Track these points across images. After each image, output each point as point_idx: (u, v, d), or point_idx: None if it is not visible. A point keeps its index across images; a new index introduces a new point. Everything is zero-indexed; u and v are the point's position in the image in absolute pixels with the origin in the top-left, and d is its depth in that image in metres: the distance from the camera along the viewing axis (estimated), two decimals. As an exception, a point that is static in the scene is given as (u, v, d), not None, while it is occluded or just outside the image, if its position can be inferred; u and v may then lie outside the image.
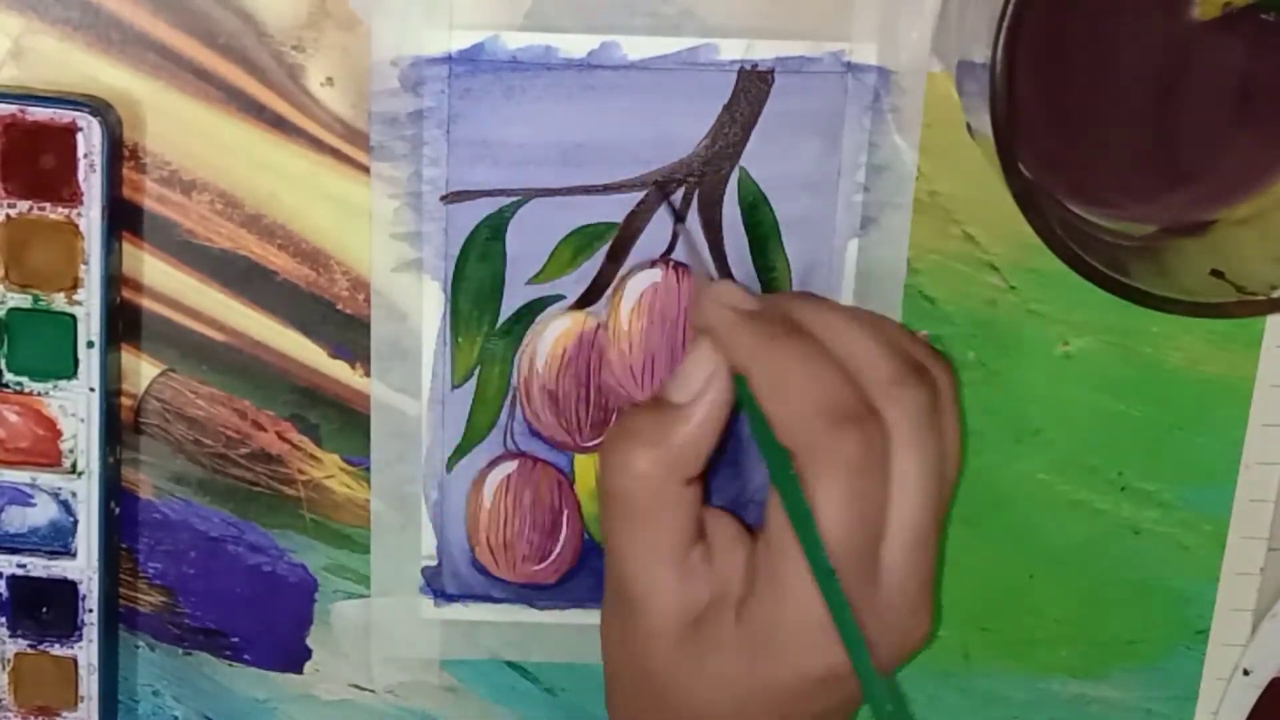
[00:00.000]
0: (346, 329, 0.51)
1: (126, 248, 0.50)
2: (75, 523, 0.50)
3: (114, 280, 0.49)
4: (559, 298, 0.51)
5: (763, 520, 0.45)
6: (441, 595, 0.53)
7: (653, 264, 0.50)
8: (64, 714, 0.52)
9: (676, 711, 0.46)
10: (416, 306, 0.50)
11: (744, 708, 0.45)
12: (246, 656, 0.54)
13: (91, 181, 0.47)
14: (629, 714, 0.48)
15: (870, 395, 0.44)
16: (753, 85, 0.49)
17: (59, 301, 0.48)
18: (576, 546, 0.53)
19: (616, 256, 0.50)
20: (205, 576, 0.53)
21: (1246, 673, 0.54)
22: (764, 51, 0.48)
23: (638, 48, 0.48)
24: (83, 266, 0.48)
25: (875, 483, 0.44)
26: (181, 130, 0.49)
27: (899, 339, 0.46)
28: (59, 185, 0.47)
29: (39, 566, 0.51)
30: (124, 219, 0.49)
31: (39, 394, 0.49)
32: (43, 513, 0.50)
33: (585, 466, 0.52)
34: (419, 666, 0.54)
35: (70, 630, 0.51)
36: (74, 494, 0.50)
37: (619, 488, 0.46)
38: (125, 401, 0.51)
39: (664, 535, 0.46)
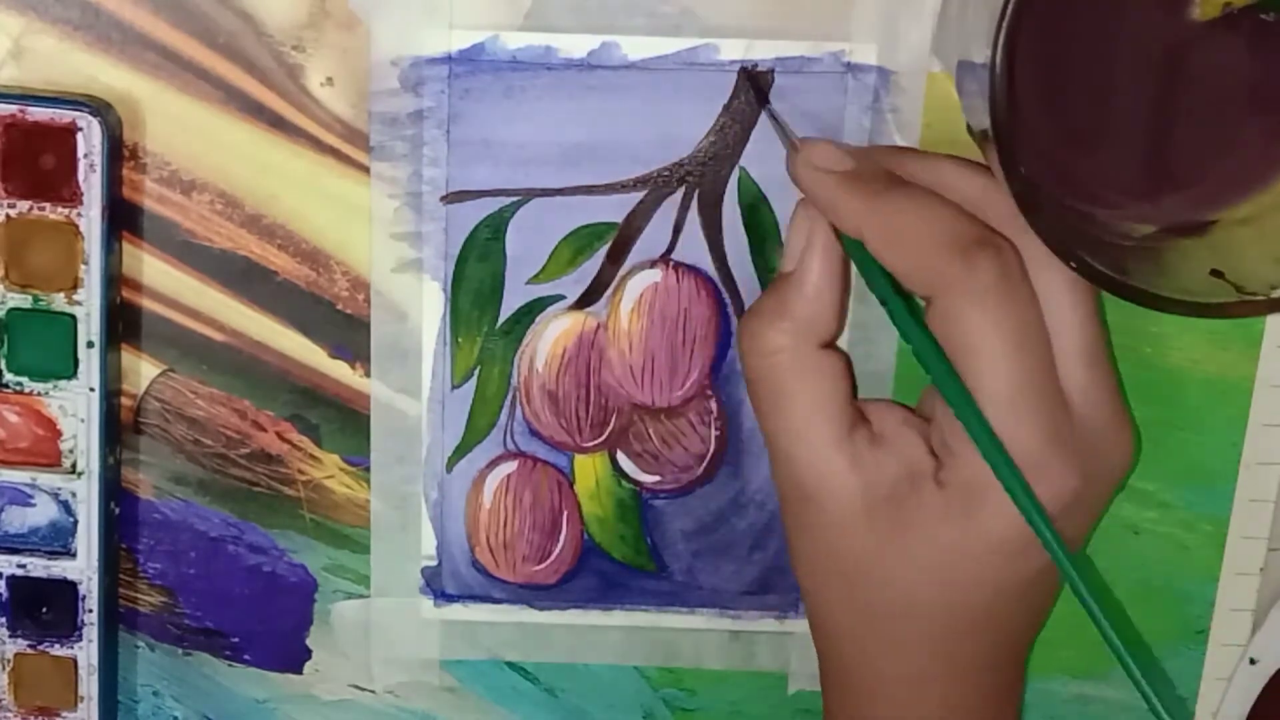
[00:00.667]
0: (346, 329, 0.51)
1: (126, 248, 0.50)
2: (75, 523, 0.50)
3: (114, 280, 0.49)
4: (559, 298, 0.51)
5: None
6: (441, 595, 0.53)
7: (653, 264, 0.50)
8: (64, 714, 0.52)
9: (880, 591, 0.46)
10: (416, 306, 0.50)
11: (954, 575, 0.45)
12: (246, 657, 0.54)
13: (91, 181, 0.47)
14: (830, 609, 0.47)
15: (1001, 222, 0.44)
16: (753, 85, 0.49)
17: (59, 301, 0.48)
18: (576, 547, 0.53)
19: (616, 256, 0.50)
20: (205, 577, 0.53)
21: (1253, 661, 0.54)
22: (764, 51, 0.48)
23: (638, 48, 0.48)
24: (83, 266, 0.48)
25: (1023, 302, 0.43)
26: (181, 130, 0.49)
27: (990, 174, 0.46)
28: (59, 185, 0.47)
29: (39, 567, 0.51)
30: (124, 219, 0.49)
31: (39, 394, 0.49)
32: (43, 513, 0.50)
33: (585, 466, 0.52)
34: (419, 666, 0.54)
35: (70, 630, 0.51)
36: (74, 494, 0.50)
37: (760, 370, 0.46)
38: (125, 401, 0.51)
39: (818, 408, 0.45)
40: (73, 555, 0.51)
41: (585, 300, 0.51)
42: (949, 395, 0.44)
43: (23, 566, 0.51)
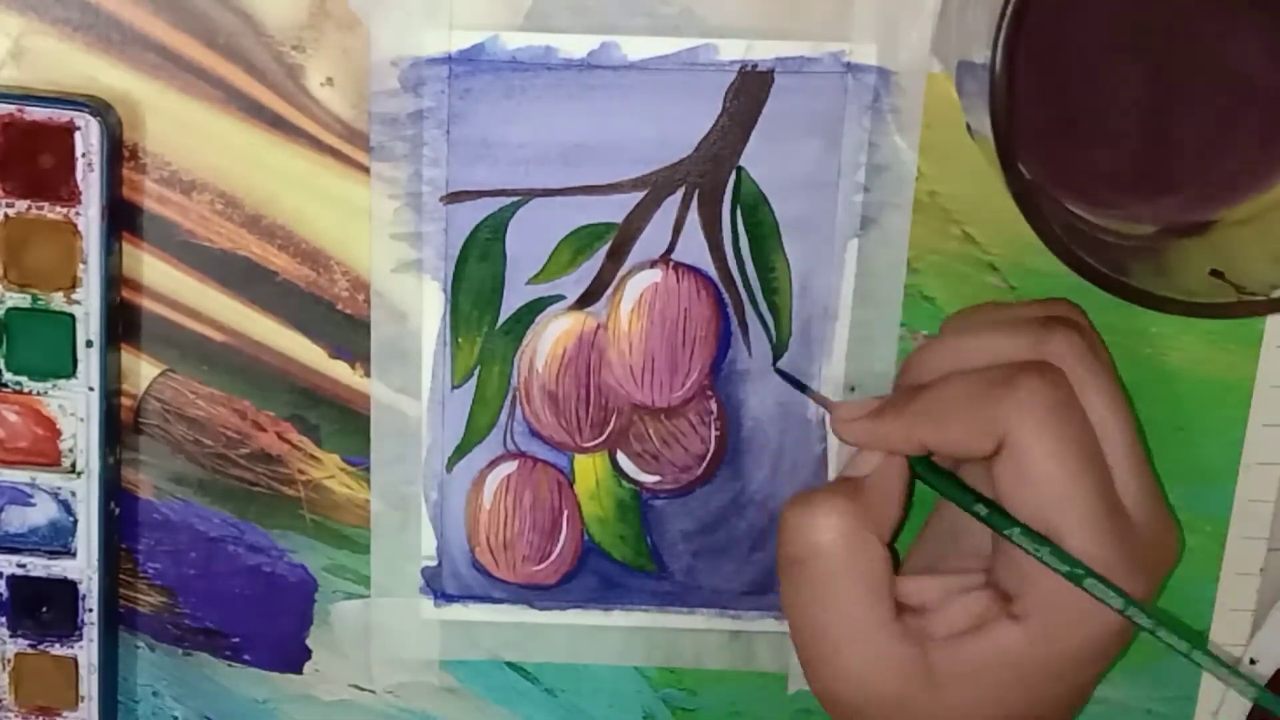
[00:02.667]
0: (346, 329, 0.51)
1: (126, 248, 0.50)
2: (75, 522, 0.50)
3: (113, 280, 0.49)
4: (559, 298, 0.51)
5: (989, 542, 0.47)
6: (441, 595, 0.53)
7: (653, 264, 0.50)
8: (64, 714, 0.52)
9: None
10: (416, 307, 0.50)
11: (1035, 694, 0.46)
12: (246, 657, 0.54)
13: (90, 181, 0.47)
14: None
15: (1022, 359, 0.45)
16: (753, 85, 0.49)
17: (58, 301, 0.48)
18: (576, 547, 0.53)
19: (616, 256, 0.50)
20: (205, 577, 0.53)
21: (1253, 662, 0.54)
22: (764, 51, 0.48)
23: (638, 48, 0.48)
24: (81, 266, 0.48)
25: (1079, 418, 0.44)
26: (181, 130, 0.49)
27: (1017, 311, 0.47)
28: (57, 184, 0.47)
29: (39, 566, 0.51)
30: (124, 219, 0.49)
31: (38, 394, 0.49)
32: (42, 512, 0.50)
33: (585, 467, 0.52)
34: (419, 667, 0.54)
35: (70, 630, 0.51)
36: (74, 494, 0.50)
37: (815, 547, 0.46)
38: (125, 401, 0.51)
39: (868, 584, 0.46)
40: (73, 555, 0.51)
41: (585, 300, 0.51)
42: (1030, 546, 0.44)
43: (23, 566, 0.51)
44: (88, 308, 0.48)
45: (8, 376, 0.49)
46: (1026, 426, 0.44)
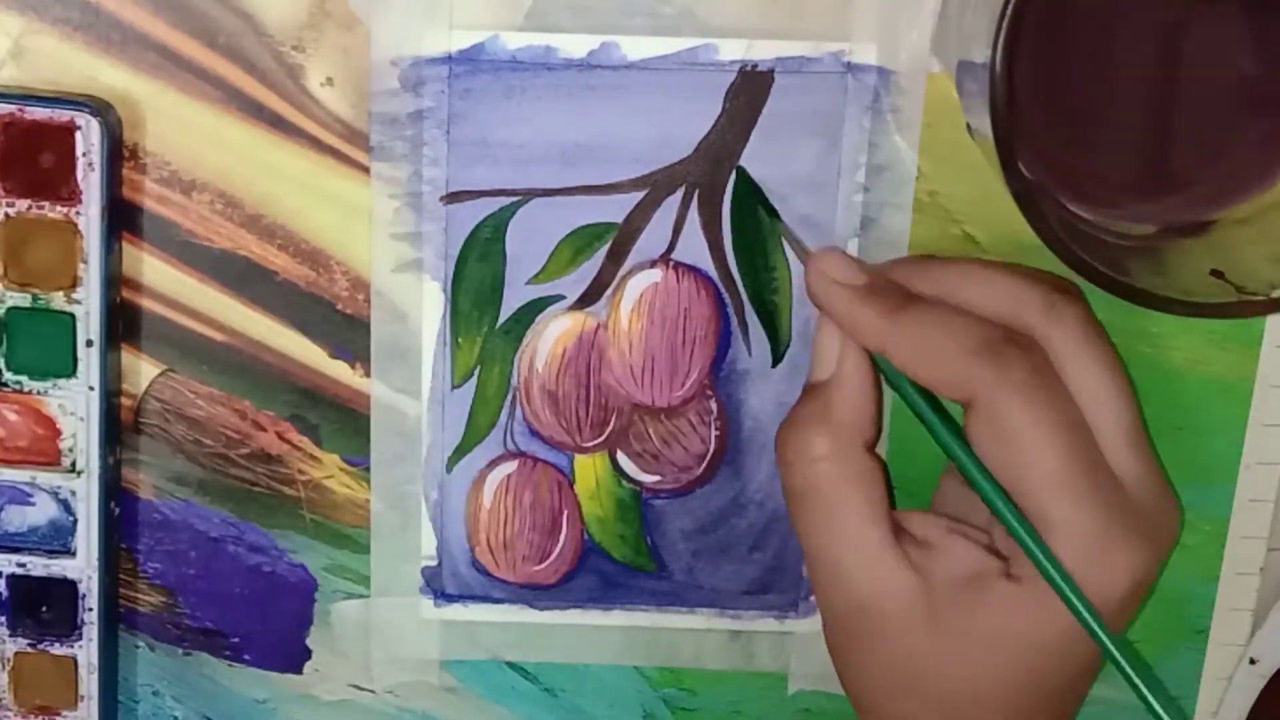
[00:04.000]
0: (346, 329, 0.51)
1: (126, 247, 0.50)
2: (75, 522, 0.50)
3: (113, 279, 0.49)
4: (559, 298, 0.51)
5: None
6: (441, 595, 0.53)
7: (653, 264, 0.50)
8: (64, 713, 0.52)
9: (944, 684, 0.46)
10: (416, 306, 0.50)
11: (1024, 663, 0.45)
12: (246, 657, 0.54)
13: (90, 180, 0.47)
14: (889, 711, 0.47)
15: (1028, 323, 0.45)
16: (753, 85, 0.49)
17: (58, 300, 0.48)
18: (576, 547, 0.53)
19: (616, 256, 0.50)
20: (205, 576, 0.53)
21: (1253, 661, 0.54)
22: (764, 51, 0.48)
23: (638, 48, 0.48)
24: (81, 265, 0.48)
25: (1059, 395, 0.44)
26: (181, 130, 0.49)
27: (1032, 270, 0.46)
28: (58, 184, 0.47)
29: (39, 566, 0.51)
30: (124, 219, 0.49)
31: (38, 393, 0.49)
32: (42, 512, 0.50)
33: (585, 467, 0.52)
34: (419, 666, 0.54)
35: (70, 630, 0.51)
36: (73, 493, 0.50)
37: (805, 478, 0.46)
38: (125, 401, 0.51)
39: (868, 512, 0.46)
40: (72, 554, 0.51)
41: (585, 300, 0.51)
42: (986, 495, 0.44)
43: (22, 565, 0.51)
44: (88, 307, 0.48)
45: (8, 376, 0.49)
46: (1000, 395, 0.43)
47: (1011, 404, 0.43)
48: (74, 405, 0.49)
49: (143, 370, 0.51)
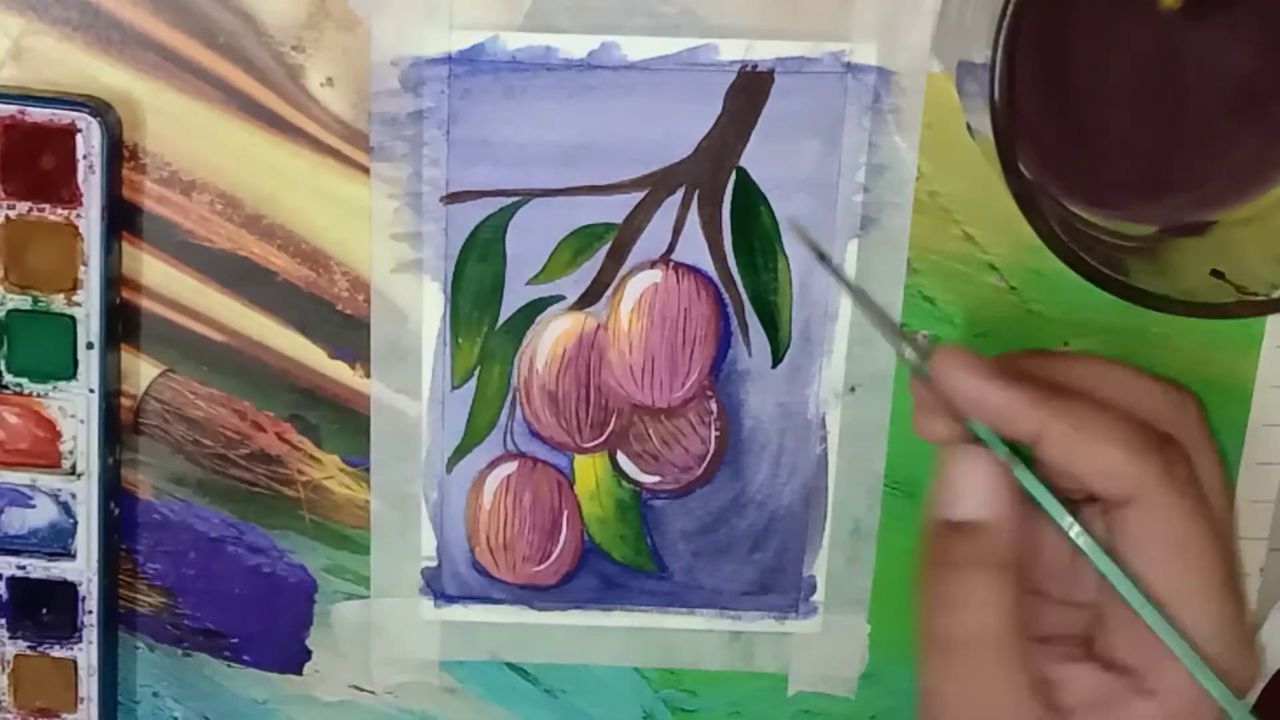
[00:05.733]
0: (346, 329, 0.51)
1: (126, 248, 0.50)
2: (75, 524, 0.50)
3: (114, 281, 0.49)
4: (559, 298, 0.51)
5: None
6: (441, 596, 0.53)
7: (653, 264, 0.50)
8: (64, 716, 0.52)
9: None
10: (416, 306, 0.50)
11: None
12: (246, 657, 0.54)
13: (91, 182, 0.47)
14: None
15: (1155, 422, 0.42)
16: (753, 85, 0.49)
17: (58, 303, 0.48)
18: (576, 547, 0.53)
19: (616, 256, 0.50)
20: (205, 577, 0.53)
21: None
22: (764, 51, 0.48)
23: (638, 48, 0.48)
24: (82, 268, 0.48)
25: (1210, 495, 0.42)
26: (181, 130, 0.49)
27: (1139, 371, 0.45)
28: (59, 186, 0.47)
29: (39, 568, 0.51)
30: (124, 219, 0.49)
31: (38, 395, 0.49)
32: (42, 514, 0.50)
33: (585, 467, 0.52)
34: (419, 667, 0.54)
35: (70, 632, 0.51)
36: (74, 495, 0.50)
37: (968, 628, 0.42)
38: (125, 402, 0.51)
39: (1022, 664, 0.42)
40: (72, 556, 0.51)
41: (585, 300, 0.51)
42: (1133, 598, 0.42)
43: (22, 568, 0.51)
44: (88, 309, 0.48)
45: (8, 378, 0.49)
46: (1166, 494, 0.41)
47: (1178, 508, 0.41)
48: (74, 408, 0.49)
49: (143, 371, 0.51)
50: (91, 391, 0.49)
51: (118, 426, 0.51)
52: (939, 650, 0.42)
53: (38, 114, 0.47)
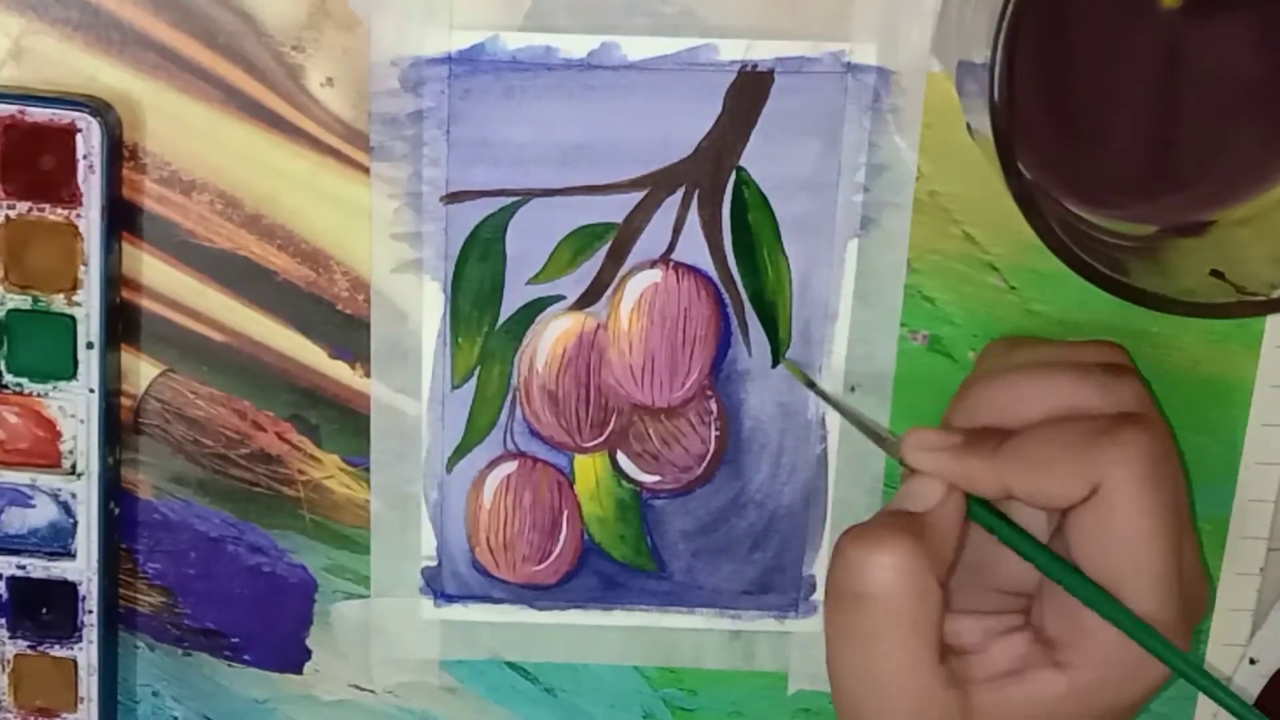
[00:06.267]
0: (346, 329, 0.51)
1: (126, 248, 0.50)
2: (75, 524, 0.50)
3: (114, 281, 0.49)
4: (559, 298, 0.51)
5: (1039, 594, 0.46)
6: (441, 595, 0.53)
7: (653, 264, 0.50)
8: (64, 715, 0.52)
9: None
10: (416, 306, 0.50)
11: None
12: (246, 657, 0.54)
13: (91, 182, 0.47)
14: None
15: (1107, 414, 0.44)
16: (753, 85, 0.49)
17: (58, 303, 0.48)
18: (576, 547, 0.53)
19: (616, 256, 0.50)
20: (205, 577, 0.53)
21: (1253, 661, 0.54)
22: (764, 51, 0.48)
23: (638, 48, 0.48)
24: (82, 268, 0.48)
25: (1176, 472, 0.44)
26: (181, 130, 0.49)
27: (1075, 352, 0.47)
28: (58, 186, 0.47)
29: (39, 568, 0.51)
30: (124, 219, 0.49)
31: (38, 395, 0.49)
32: (42, 514, 0.50)
33: (585, 467, 0.52)
34: (419, 667, 0.54)
35: (70, 631, 0.51)
36: (74, 495, 0.50)
37: (870, 583, 0.44)
38: (125, 402, 0.51)
39: (921, 633, 0.44)
40: (72, 556, 0.51)
41: (585, 300, 0.51)
42: (1092, 599, 0.44)
43: (23, 567, 0.51)
44: (88, 309, 0.48)
45: (8, 378, 0.49)
46: (1122, 478, 0.43)
47: (1131, 496, 0.43)
48: (74, 407, 0.49)
49: (143, 370, 0.51)
50: (91, 391, 0.49)
51: (118, 426, 0.51)
52: (838, 609, 0.45)
53: (38, 114, 0.47)
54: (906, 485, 0.46)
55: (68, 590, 0.51)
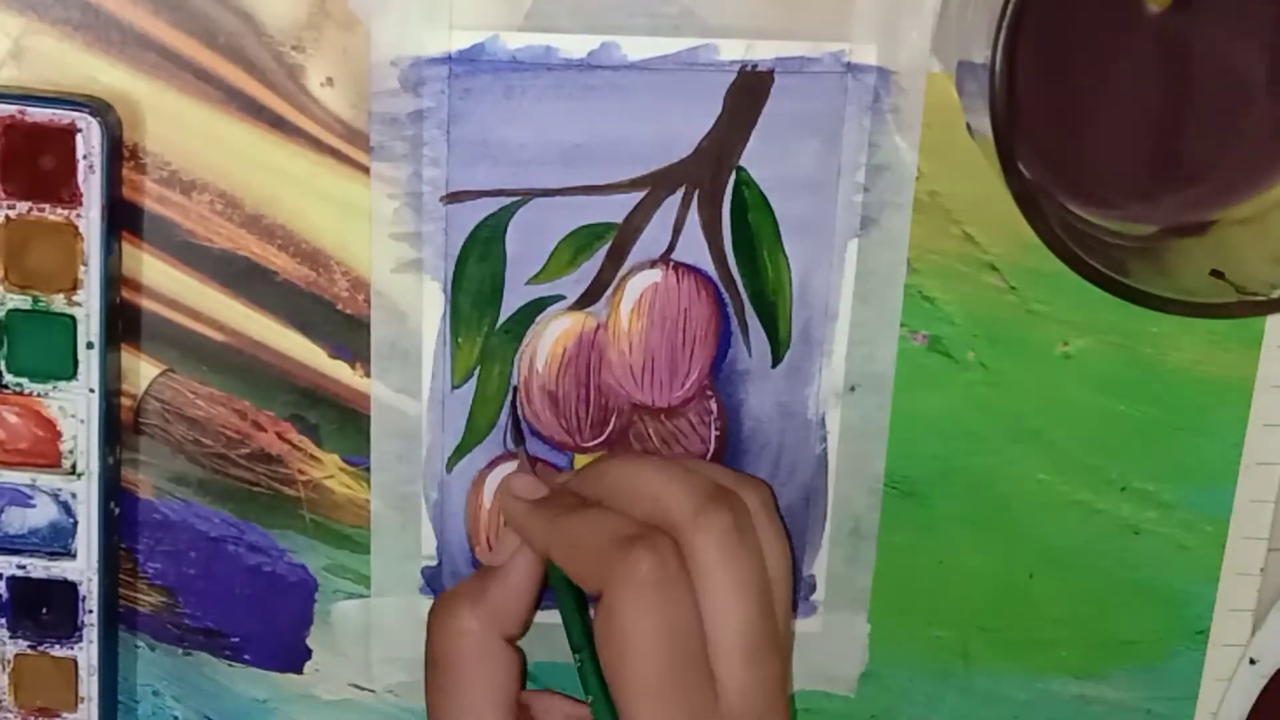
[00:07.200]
0: (346, 329, 0.51)
1: (126, 248, 0.50)
2: (75, 524, 0.50)
3: (114, 281, 0.49)
4: (559, 298, 0.51)
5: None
6: (441, 595, 0.53)
7: (653, 264, 0.50)
8: (64, 715, 0.52)
9: None
10: (416, 306, 0.50)
11: None
12: (246, 656, 0.54)
13: (91, 182, 0.47)
14: None
15: (674, 524, 0.46)
16: (753, 85, 0.49)
17: (58, 303, 0.48)
18: (576, 546, 0.53)
19: (616, 256, 0.50)
20: (205, 576, 0.53)
21: (1253, 661, 0.54)
22: (764, 51, 0.48)
23: (638, 48, 0.48)
24: (82, 268, 0.48)
25: (679, 596, 0.45)
26: (181, 130, 0.49)
27: (702, 470, 0.48)
28: (58, 186, 0.47)
29: (39, 567, 0.51)
30: (124, 219, 0.49)
31: (39, 395, 0.49)
32: (42, 514, 0.50)
33: (585, 466, 0.52)
34: (419, 666, 0.54)
35: (70, 631, 0.51)
36: (74, 495, 0.50)
37: (445, 648, 0.49)
38: (125, 402, 0.51)
39: (491, 695, 0.49)
40: (73, 556, 0.51)
41: (585, 300, 0.51)
42: (589, 687, 0.48)
43: (23, 567, 0.51)
44: (88, 309, 0.48)
45: (8, 378, 0.49)
46: (620, 594, 0.45)
47: (625, 601, 0.45)
48: (74, 407, 0.49)
49: (143, 370, 0.51)
50: (91, 391, 0.49)
51: (118, 426, 0.51)
52: (428, 668, 0.50)
53: (38, 114, 0.47)
54: (500, 539, 0.50)
55: (68, 590, 0.51)
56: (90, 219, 0.48)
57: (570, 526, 0.47)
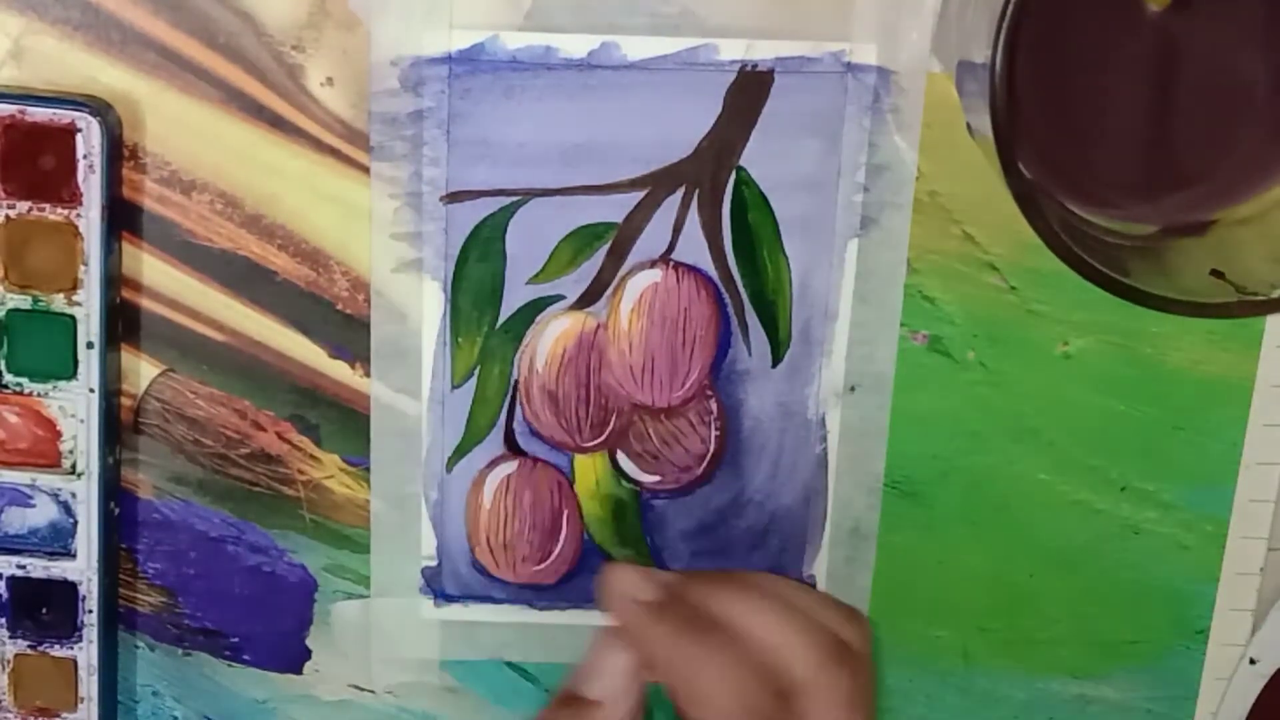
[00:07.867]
0: (346, 329, 0.51)
1: (126, 248, 0.50)
2: (75, 523, 0.50)
3: (114, 281, 0.49)
4: (559, 298, 0.51)
5: None
6: (441, 595, 0.53)
7: (653, 264, 0.50)
8: (64, 715, 0.52)
9: None
10: (416, 306, 0.50)
11: None
12: (246, 657, 0.54)
13: (91, 182, 0.47)
14: None
15: (793, 681, 0.45)
16: (753, 85, 0.49)
17: (58, 302, 0.48)
18: (576, 547, 0.53)
19: (616, 256, 0.50)
20: (205, 576, 0.53)
21: (1253, 661, 0.54)
22: (764, 51, 0.48)
23: (638, 48, 0.48)
24: (82, 267, 0.48)
25: None
26: (181, 130, 0.49)
27: (816, 611, 0.46)
28: (58, 186, 0.47)
29: (39, 567, 0.51)
30: (124, 219, 0.49)
31: (39, 395, 0.49)
32: (42, 514, 0.50)
33: (585, 467, 0.52)
34: (419, 666, 0.54)
35: (70, 631, 0.51)
36: (74, 495, 0.50)
37: None
38: (125, 401, 0.51)
39: None
40: (72, 556, 0.51)
41: (585, 300, 0.51)
42: None
43: (23, 567, 0.51)
44: (88, 309, 0.48)
45: (8, 378, 0.49)
46: None
47: None
48: (74, 407, 0.49)
49: (143, 370, 0.51)
50: (91, 391, 0.49)
51: (118, 426, 0.51)
52: None
53: (38, 114, 0.47)
54: (593, 661, 0.47)
55: (68, 590, 0.51)
56: (90, 219, 0.48)
57: (696, 662, 0.45)
